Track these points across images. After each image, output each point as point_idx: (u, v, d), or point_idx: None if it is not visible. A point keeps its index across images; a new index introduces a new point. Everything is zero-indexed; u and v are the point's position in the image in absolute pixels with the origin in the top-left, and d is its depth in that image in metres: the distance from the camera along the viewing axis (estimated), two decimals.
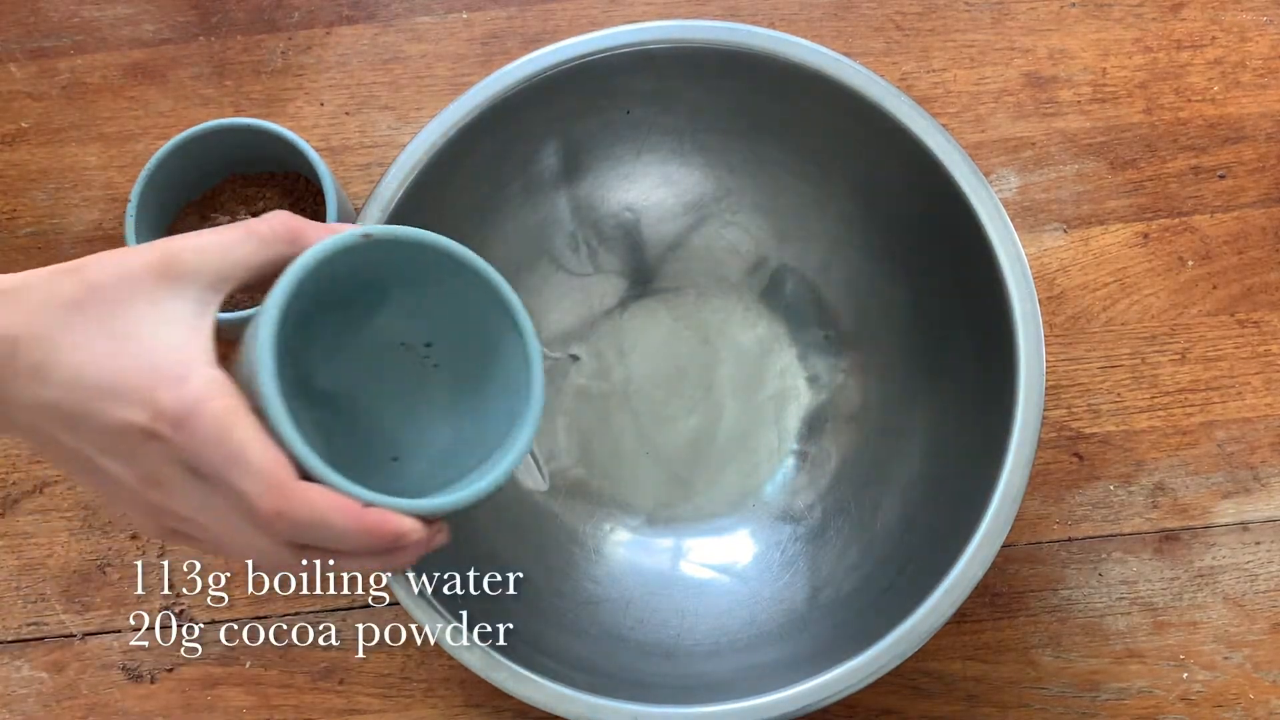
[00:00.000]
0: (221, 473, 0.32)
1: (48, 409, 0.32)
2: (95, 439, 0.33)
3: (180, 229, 0.56)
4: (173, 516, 0.34)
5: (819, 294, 0.56)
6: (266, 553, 0.34)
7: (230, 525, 0.33)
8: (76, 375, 0.32)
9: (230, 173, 0.57)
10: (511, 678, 0.42)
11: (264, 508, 0.32)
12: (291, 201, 0.56)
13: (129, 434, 0.32)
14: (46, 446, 0.34)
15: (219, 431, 0.31)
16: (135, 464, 0.33)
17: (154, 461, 0.32)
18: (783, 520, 0.54)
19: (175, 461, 0.32)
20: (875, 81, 0.48)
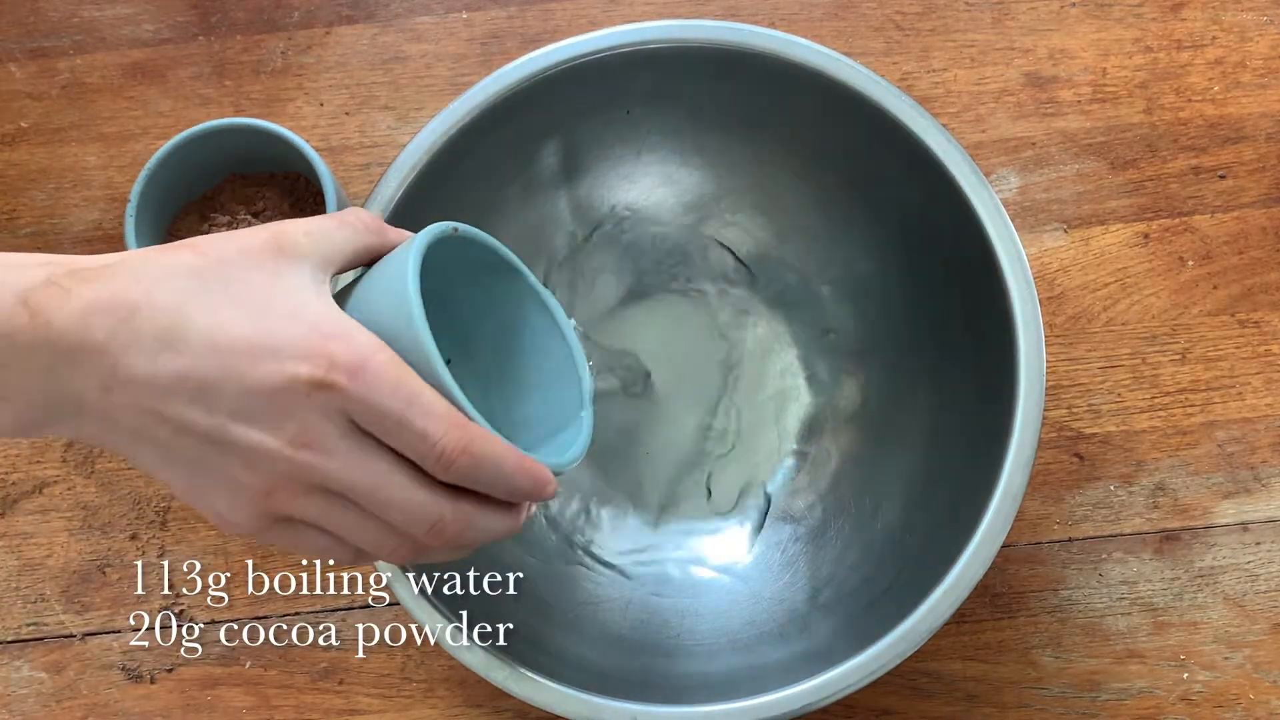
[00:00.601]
0: (406, 414, 0.31)
1: (174, 380, 0.31)
2: (235, 403, 0.31)
3: (180, 229, 0.56)
4: (301, 489, 0.32)
5: (819, 294, 0.56)
6: (420, 508, 0.32)
7: (389, 482, 0.32)
8: (214, 338, 0.31)
9: (230, 173, 0.57)
10: (511, 678, 0.42)
11: (450, 443, 0.32)
12: (292, 201, 0.56)
13: (291, 389, 0.31)
14: (135, 432, 0.32)
15: (396, 378, 0.31)
16: (289, 424, 0.31)
17: (314, 417, 0.31)
18: (783, 520, 0.54)
19: (338, 415, 0.31)
20: (875, 81, 0.48)
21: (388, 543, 0.33)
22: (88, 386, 0.31)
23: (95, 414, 0.31)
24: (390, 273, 0.34)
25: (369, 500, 0.32)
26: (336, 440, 0.31)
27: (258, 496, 0.32)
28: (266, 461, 0.31)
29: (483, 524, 0.34)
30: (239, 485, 0.32)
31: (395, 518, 0.33)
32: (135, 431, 0.32)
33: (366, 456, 0.32)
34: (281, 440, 0.31)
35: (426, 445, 0.32)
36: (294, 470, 0.32)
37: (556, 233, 0.55)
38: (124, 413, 0.31)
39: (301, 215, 0.56)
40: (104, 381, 0.31)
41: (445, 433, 0.32)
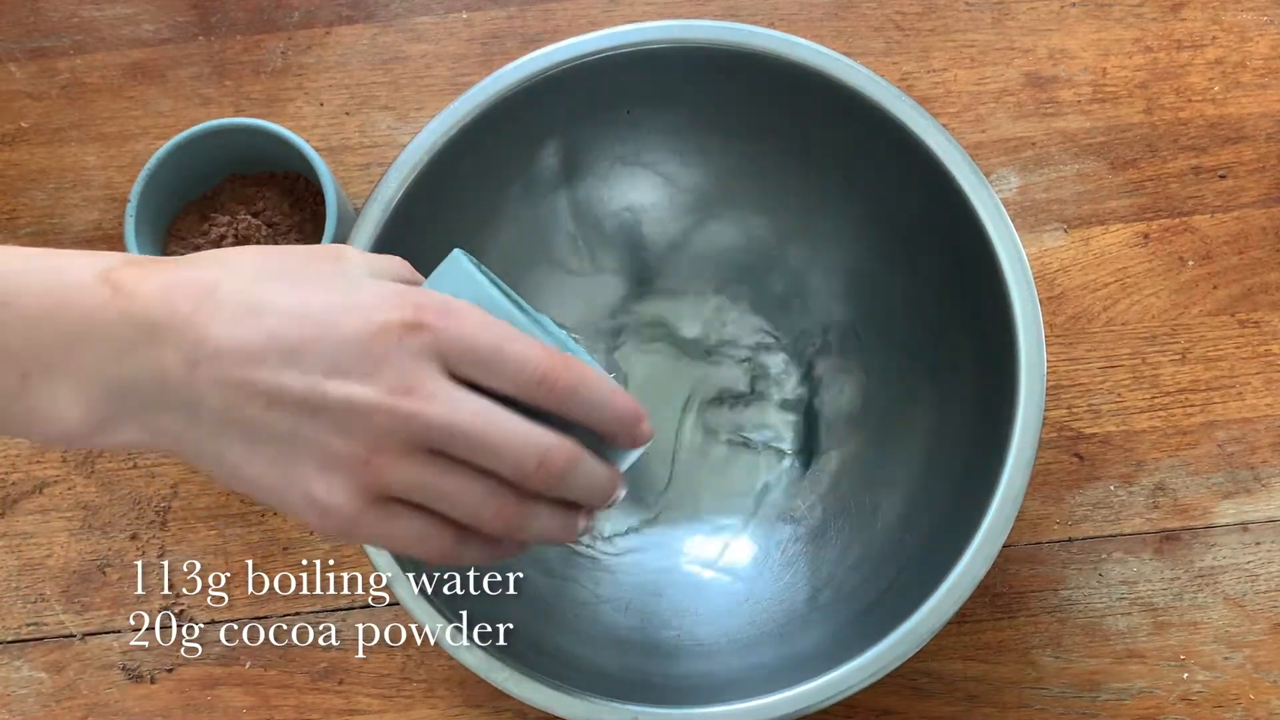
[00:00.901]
0: (499, 346, 0.32)
1: (264, 343, 0.30)
2: (331, 359, 0.30)
3: (180, 229, 0.56)
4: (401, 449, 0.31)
5: (819, 294, 0.56)
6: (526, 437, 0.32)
7: (492, 415, 0.32)
8: (300, 304, 0.31)
9: (230, 173, 0.57)
10: (511, 678, 0.42)
11: (554, 362, 0.32)
12: (291, 201, 0.56)
13: (384, 334, 0.31)
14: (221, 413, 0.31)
15: (484, 317, 0.32)
16: (385, 371, 0.31)
17: (410, 362, 0.31)
18: (783, 520, 0.54)
19: (433, 358, 0.31)
20: (875, 81, 0.48)
21: (491, 503, 0.32)
22: (172, 363, 0.30)
23: (179, 396, 0.30)
24: (440, 274, 0.35)
25: (473, 443, 0.31)
26: (435, 383, 0.31)
27: (357, 466, 0.31)
28: (365, 418, 0.31)
29: (587, 466, 0.34)
30: (336, 457, 0.31)
31: (502, 459, 0.32)
32: (222, 413, 0.31)
33: (467, 397, 0.31)
34: (379, 390, 0.31)
35: (529, 369, 0.32)
36: (394, 423, 0.31)
37: (556, 233, 0.55)
38: (211, 390, 0.30)
39: (301, 215, 0.56)
40: (190, 355, 0.30)
41: (543, 355, 0.32)
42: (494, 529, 0.33)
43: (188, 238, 0.56)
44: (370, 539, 0.33)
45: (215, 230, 0.55)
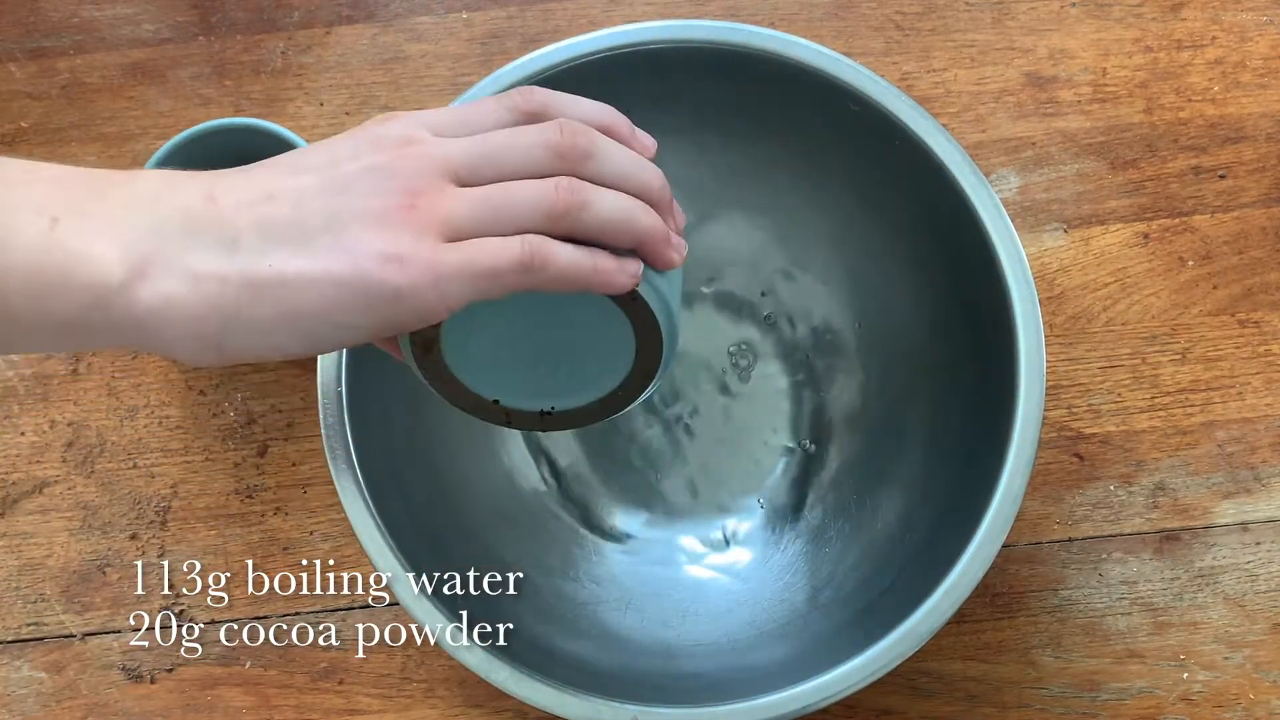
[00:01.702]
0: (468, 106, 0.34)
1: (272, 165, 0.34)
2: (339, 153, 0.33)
3: None
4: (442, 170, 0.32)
5: (819, 294, 0.56)
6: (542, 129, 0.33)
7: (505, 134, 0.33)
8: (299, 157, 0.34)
9: None
10: (511, 678, 0.42)
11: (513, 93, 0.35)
12: None
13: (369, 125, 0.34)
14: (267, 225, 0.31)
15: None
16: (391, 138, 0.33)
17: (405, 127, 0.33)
18: (783, 520, 0.54)
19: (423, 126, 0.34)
20: (875, 81, 0.48)
21: (546, 186, 0.32)
22: (192, 200, 0.31)
23: (211, 229, 0.31)
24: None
25: (497, 155, 0.33)
26: (435, 138, 0.33)
27: (407, 210, 0.31)
28: (392, 169, 0.32)
29: (619, 148, 0.35)
30: (384, 211, 0.31)
31: (530, 152, 0.33)
32: (257, 229, 0.31)
33: (474, 133, 0.34)
34: (391, 151, 0.32)
35: (503, 100, 0.34)
36: (418, 165, 0.32)
37: None
38: (238, 213, 0.31)
39: None
40: (206, 192, 0.32)
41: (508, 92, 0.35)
42: (565, 210, 0.32)
43: None
44: (461, 270, 0.31)
45: None
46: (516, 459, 0.54)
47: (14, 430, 0.57)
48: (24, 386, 0.57)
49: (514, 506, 0.53)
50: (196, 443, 0.56)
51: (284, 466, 0.56)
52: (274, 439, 0.56)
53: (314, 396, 0.47)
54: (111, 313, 0.30)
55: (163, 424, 0.56)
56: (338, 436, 0.45)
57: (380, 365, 0.48)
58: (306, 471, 0.56)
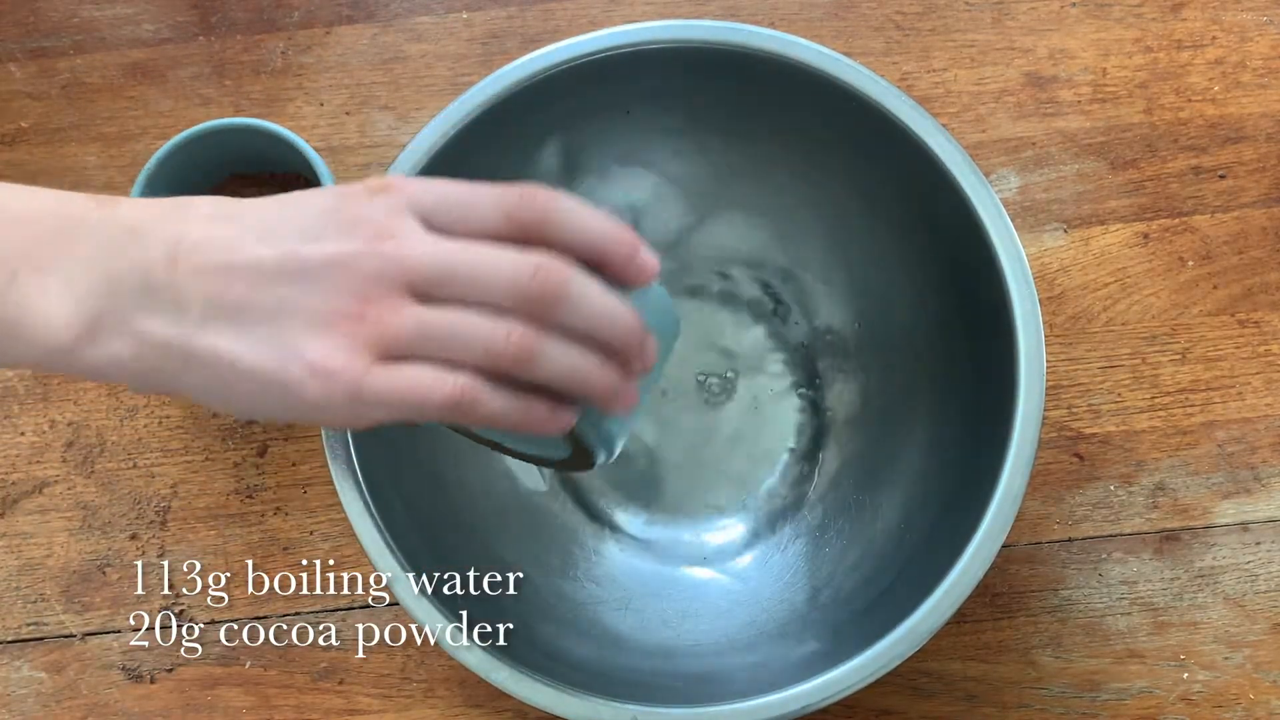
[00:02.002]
0: (468, 191, 0.32)
1: (238, 230, 0.32)
2: (305, 227, 0.32)
3: None
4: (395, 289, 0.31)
5: (819, 294, 0.56)
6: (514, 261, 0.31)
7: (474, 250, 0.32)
8: (271, 199, 0.33)
9: (230, 173, 0.57)
10: (511, 678, 0.42)
11: (525, 191, 0.32)
12: None
13: (354, 196, 0.32)
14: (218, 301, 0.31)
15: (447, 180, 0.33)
16: (362, 225, 0.31)
17: (385, 214, 0.32)
18: (783, 520, 0.54)
19: (406, 210, 0.32)
20: (875, 81, 0.48)
21: (500, 328, 0.31)
22: (155, 259, 0.31)
23: (164, 294, 0.31)
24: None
25: (461, 275, 0.31)
26: (413, 229, 0.32)
27: (351, 321, 0.31)
28: (348, 269, 0.31)
29: (591, 287, 0.33)
30: (329, 317, 0.31)
31: (496, 281, 0.31)
32: (207, 303, 0.31)
33: (444, 239, 0.32)
34: (360, 241, 0.31)
35: (506, 199, 0.32)
36: (378, 267, 0.31)
37: None
38: (193, 281, 0.31)
39: None
40: (170, 252, 0.31)
41: (516, 190, 0.32)
42: (512, 360, 0.32)
43: None
44: (383, 398, 0.31)
45: None
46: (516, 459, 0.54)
47: (14, 430, 0.57)
48: (24, 386, 0.57)
49: (514, 506, 0.53)
50: (196, 443, 0.56)
51: (284, 466, 0.56)
52: (274, 439, 0.56)
53: None
54: (65, 363, 0.32)
55: (163, 424, 0.56)
56: (338, 436, 0.45)
57: None
58: (306, 471, 0.56)
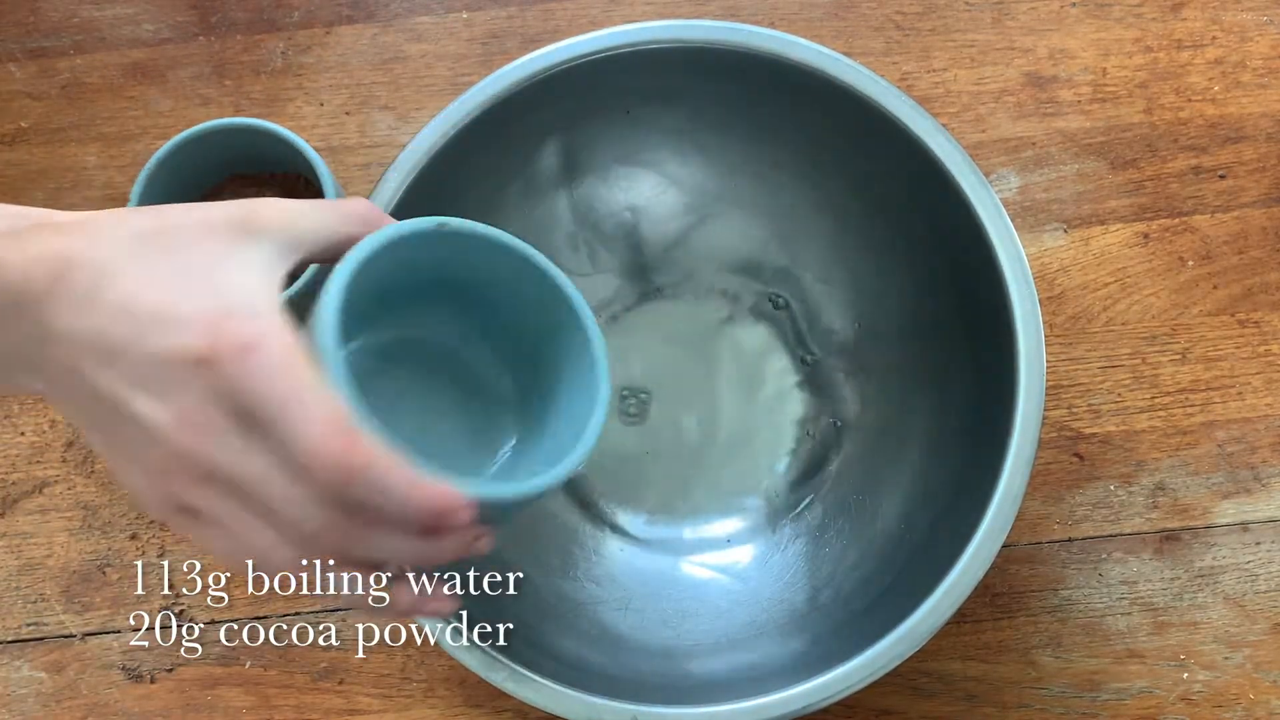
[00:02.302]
0: (282, 408, 0.29)
1: (87, 338, 0.30)
2: (135, 371, 0.29)
3: None
4: (193, 477, 0.30)
5: (819, 294, 0.56)
6: (296, 509, 0.30)
7: (268, 479, 0.29)
8: (130, 300, 0.30)
9: (230, 173, 0.57)
10: (511, 678, 0.42)
11: (326, 447, 0.28)
12: None
13: (180, 362, 0.29)
14: (67, 390, 0.31)
15: (285, 365, 0.29)
16: (177, 399, 0.29)
17: (198, 398, 0.29)
18: (783, 520, 0.54)
19: (224, 398, 0.29)
20: (875, 81, 0.48)
21: (280, 552, 0.31)
22: (29, 336, 0.31)
23: (38, 367, 0.31)
24: (337, 266, 0.33)
25: (254, 496, 0.30)
26: (221, 425, 0.29)
27: (157, 477, 0.30)
28: (158, 440, 0.30)
29: (380, 544, 0.31)
30: (144, 462, 0.30)
31: (278, 519, 0.30)
32: (67, 391, 0.31)
33: (250, 448, 0.29)
34: (169, 418, 0.29)
35: (296, 447, 0.29)
36: (179, 455, 0.29)
37: (556, 233, 0.55)
38: (56, 369, 0.31)
39: None
40: (41, 333, 0.30)
41: (324, 434, 0.29)
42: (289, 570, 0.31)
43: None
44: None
45: None
46: None
47: (14, 430, 0.57)
48: None
49: None
50: None
51: None
52: None
53: None
54: None
55: None
56: None
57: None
58: None
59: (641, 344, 0.56)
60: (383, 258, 0.34)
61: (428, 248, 0.35)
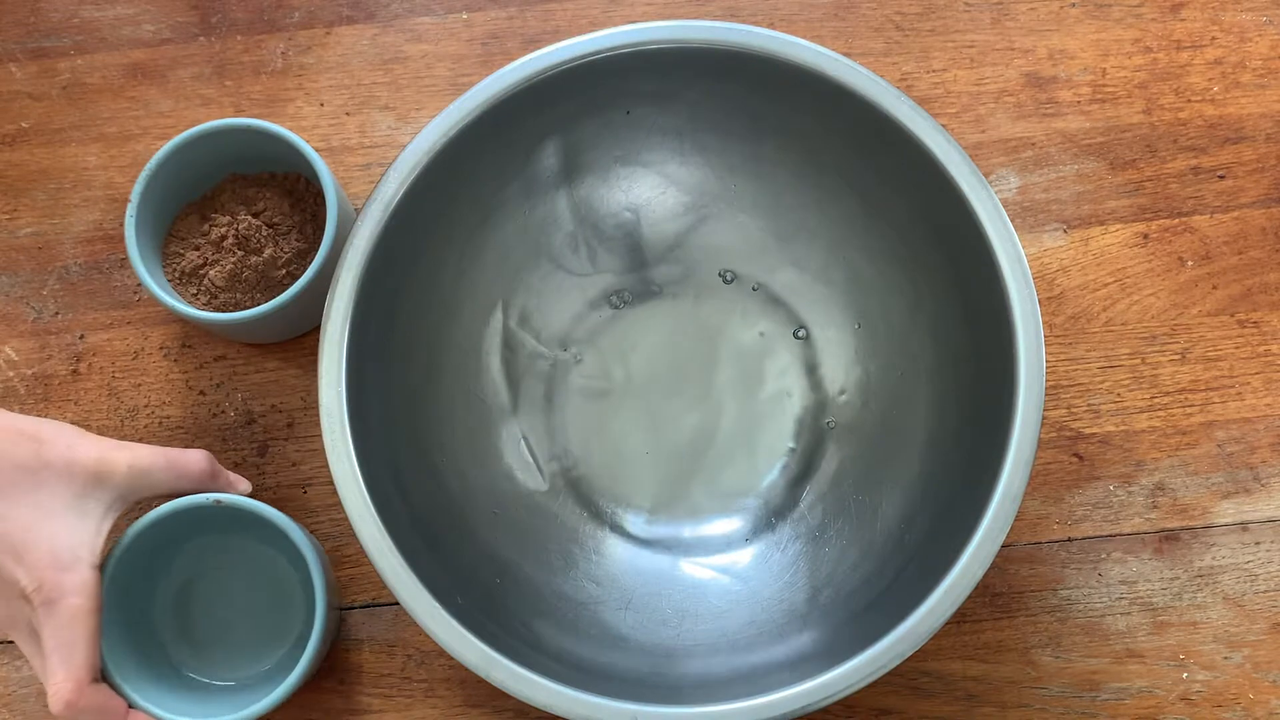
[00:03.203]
0: (51, 653, 0.44)
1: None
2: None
3: (180, 229, 0.56)
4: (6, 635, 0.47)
5: (818, 294, 0.56)
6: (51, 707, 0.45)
7: (40, 674, 0.45)
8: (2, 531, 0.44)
9: (230, 173, 0.57)
10: (511, 678, 0.42)
11: (63, 695, 0.44)
12: (292, 202, 0.56)
13: (12, 586, 0.44)
14: None
15: (67, 627, 0.44)
16: (4, 599, 0.44)
17: (17, 612, 0.44)
18: (783, 520, 0.54)
19: (28, 622, 0.44)
20: (875, 81, 0.48)
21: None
22: None
23: None
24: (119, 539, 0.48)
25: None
26: (26, 636, 0.45)
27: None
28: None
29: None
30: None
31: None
32: None
33: (35, 659, 0.45)
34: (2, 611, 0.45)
35: (48, 681, 0.44)
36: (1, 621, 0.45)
37: (556, 233, 0.56)
38: None
39: (301, 215, 0.56)
40: None
41: (63, 687, 0.43)
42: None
43: (188, 238, 0.56)
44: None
45: (215, 231, 0.55)
46: (516, 459, 0.54)
47: None
48: (24, 386, 0.57)
49: (514, 506, 0.53)
50: (197, 443, 0.56)
51: (284, 466, 0.56)
52: (274, 439, 0.56)
53: (314, 396, 0.47)
54: None
55: (163, 424, 0.56)
56: (338, 436, 0.45)
57: (381, 365, 0.48)
58: (307, 471, 0.56)
59: (641, 343, 0.56)
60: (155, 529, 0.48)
61: (203, 518, 0.50)
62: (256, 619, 0.52)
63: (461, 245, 0.53)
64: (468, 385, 0.54)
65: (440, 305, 0.53)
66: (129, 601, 0.49)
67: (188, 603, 0.52)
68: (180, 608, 0.52)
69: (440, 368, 0.53)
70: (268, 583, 0.52)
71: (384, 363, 0.49)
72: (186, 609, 0.52)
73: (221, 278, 0.54)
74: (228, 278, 0.54)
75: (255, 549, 0.52)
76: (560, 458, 0.55)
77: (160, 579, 0.52)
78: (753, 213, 0.56)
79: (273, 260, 0.55)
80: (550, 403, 0.55)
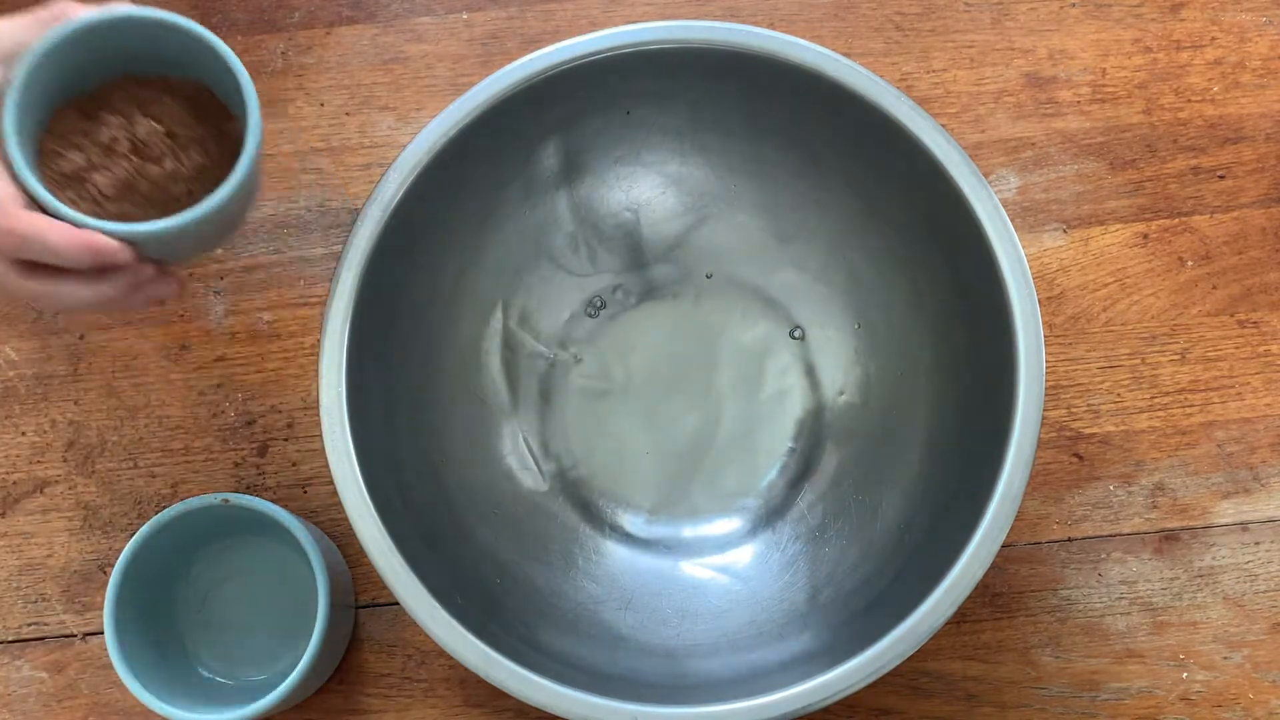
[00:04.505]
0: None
1: None
2: None
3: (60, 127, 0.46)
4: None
5: (818, 294, 0.56)
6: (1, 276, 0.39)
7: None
8: None
9: (124, 72, 0.47)
10: (511, 678, 0.42)
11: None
12: (194, 113, 0.48)
13: None
14: None
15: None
16: None
17: None
18: (782, 520, 0.54)
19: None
20: (875, 82, 0.48)
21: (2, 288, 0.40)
22: None
23: None
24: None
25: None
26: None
27: None
28: None
29: (60, 291, 0.40)
30: None
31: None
32: None
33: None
34: None
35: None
36: None
37: (556, 233, 0.56)
38: None
39: (204, 129, 0.48)
40: None
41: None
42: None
43: (68, 136, 0.46)
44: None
45: (106, 131, 0.46)
46: (516, 459, 0.54)
47: (14, 430, 0.57)
48: (24, 386, 0.57)
49: (514, 506, 0.53)
50: (197, 442, 0.56)
51: (284, 466, 0.56)
52: (274, 439, 0.56)
53: (314, 396, 0.47)
54: None
55: (163, 424, 0.57)
56: (338, 436, 0.45)
57: (381, 365, 0.48)
58: (307, 471, 0.56)
59: (642, 344, 0.56)
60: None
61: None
62: (277, 619, 0.52)
63: (461, 245, 0.53)
64: (468, 385, 0.54)
65: (440, 305, 0.53)
66: (150, 603, 0.50)
67: (210, 606, 0.53)
68: (203, 611, 0.53)
69: (440, 368, 0.53)
70: (288, 584, 0.53)
71: (384, 363, 0.49)
72: (209, 612, 0.53)
73: (111, 186, 0.45)
74: (119, 186, 0.45)
75: (275, 551, 0.53)
76: (560, 458, 0.55)
77: (179, 583, 0.52)
78: (753, 213, 0.56)
79: (174, 174, 0.46)
80: (550, 403, 0.55)
